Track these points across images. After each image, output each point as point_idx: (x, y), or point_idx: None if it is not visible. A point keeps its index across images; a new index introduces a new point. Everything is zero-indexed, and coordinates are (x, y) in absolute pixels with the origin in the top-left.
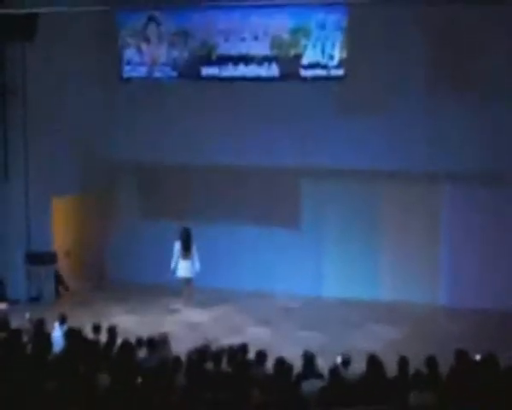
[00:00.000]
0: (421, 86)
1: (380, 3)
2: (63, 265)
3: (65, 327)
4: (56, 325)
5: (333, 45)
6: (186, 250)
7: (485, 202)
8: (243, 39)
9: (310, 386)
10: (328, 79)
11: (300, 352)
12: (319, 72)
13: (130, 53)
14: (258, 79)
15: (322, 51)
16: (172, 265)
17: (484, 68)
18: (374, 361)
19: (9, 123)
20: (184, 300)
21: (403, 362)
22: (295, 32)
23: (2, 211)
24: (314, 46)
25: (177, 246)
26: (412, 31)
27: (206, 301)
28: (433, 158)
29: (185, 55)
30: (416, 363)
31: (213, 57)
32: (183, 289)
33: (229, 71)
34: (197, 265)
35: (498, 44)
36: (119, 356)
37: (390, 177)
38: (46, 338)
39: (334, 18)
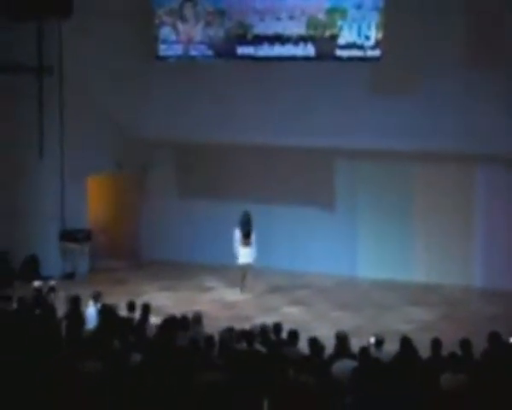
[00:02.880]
0: (458, 68)
1: None
2: (98, 242)
3: (99, 304)
4: (90, 302)
5: (369, 26)
6: (246, 237)
7: None
8: (279, 19)
9: (342, 366)
10: (363, 59)
11: (334, 332)
12: (355, 52)
13: (166, 31)
14: (293, 58)
15: (359, 32)
16: (235, 251)
17: None
18: (407, 342)
19: (45, 101)
20: (242, 286)
21: (436, 344)
22: (331, 12)
23: (37, 188)
24: (350, 27)
25: (237, 233)
26: (449, 11)
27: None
28: (466, 140)
29: (221, 34)
30: (450, 345)
31: (249, 37)
32: (243, 276)
33: (265, 50)
34: (254, 250)
35: None
36: (157, 335)
37: (424, 158)
38: (80, 316)
39: None
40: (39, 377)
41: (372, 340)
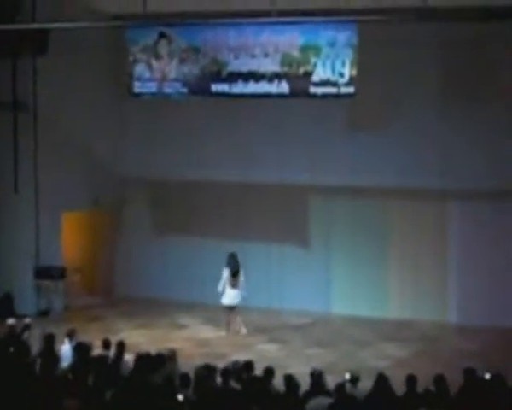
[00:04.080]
0: (431, 104)
1: (390, 21)
2: (73, 279)
3: (74, 342)
4: (66, 339)
5: (343, 63)
6: (234, 277)
7: (493, 218)
8: (253, 56)
9: (317, 403)
10: (338, 96)
11: (309, 369)
12: (329, 89)
13: (140, 69)
14: (268, 95)
15: (333, 69)
16: (220, 288)
17: (494, 86)
18: (382, 379)
19: (20, 137)
20: (232, 329)
21: (411, 380)
22: (305, 49)
23: (11, 224)
24: (324, 64)
25: (226, 273)
26: (422, 48)
27: (215, 317)
28: (442, 175)
29: (195, 71)
30: (425, 381)
31: (224, 74)
32: (229, 318)
33: (239, 88)
34: (244, 292)
35: (509, 61)
36: (131, 372)
37: (399, 194)
38: (54, 354)
39: (345, 35)
40: None
41: (347, 376)
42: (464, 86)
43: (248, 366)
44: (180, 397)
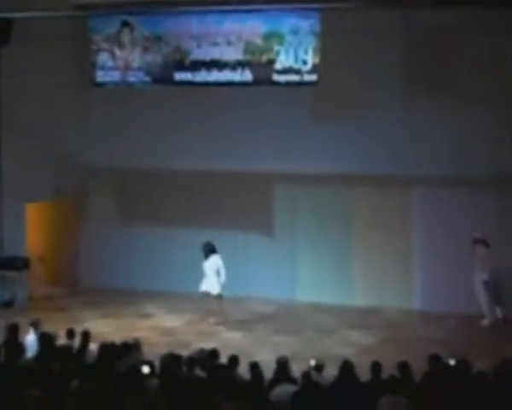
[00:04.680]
0: (395, 91)
1: (353, 8)
2: (37, 270)
3: (38, 332)
4: (30, 330)
5: (306, 51)
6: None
7: (457, 205)
8: (216, 44)
9: (282, 391)
10: (301, 84)
11: (274, 357)
12: (292, 77)
13: (103, 58)
14: (231, 83)
15: (296, 56)
16: (223, 279)
17: (458, 73)
18: (347, 366)
19: None
20: (216, 318)
21: (376, 367)
22: (268, 37)
23: None
24: (287, 51)
25: (207, 264)
26: (386, 35)
27: (180, 306)
28: (406, 163)
29: (158, 60)
30: (390, 368)
31: (187, 62)
32: (212, 307)
33: (203, 76)
34: (222, 277)
35: (472, 49)
36: (96, 361)
37: (363, 182)
38: (19, 344)
39: (308, 23)
40: None
41: (312, 362)
42: (428, 74)
43: (213, 354)
44: (145, 369)
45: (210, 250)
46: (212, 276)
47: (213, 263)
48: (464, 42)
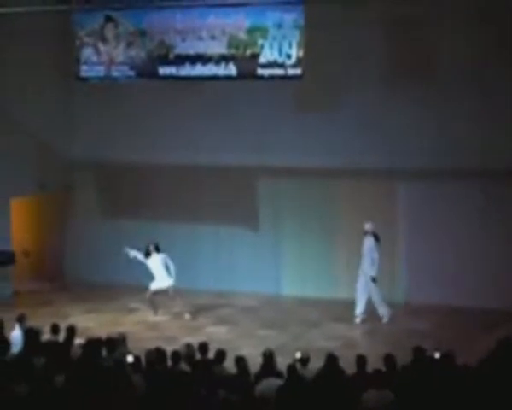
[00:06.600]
0: (378, 84)
1: (336, 2)
2: (21, 264)
3: (24, 327)
4: (16, 325)
5: (290, 44)
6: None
7: (441, 198)
8: (200, 39)
9: (268, 384)
10: (285, 78)
11: (260, 351)
12: (276, 71)
13: (87, 53)
14: (215, 78)
15: (280, 50)
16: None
17: (440, 64)
18: (332, 359)
19: None
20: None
21: (361, 360)
22: (252, 31)
23: None
24: (271, 45)
25: (151, 262)
26: (369, 28)
27: (166, 301)
28: (390, 156)
29: (143, 54)
30: (375, 361)
31: (171, 57)
32: (170, 299)
33: (187, 70)
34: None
35: (454, 39)
36: (81, 356)
37: (347, 175)
38: (4, 339)
39: (291, 17)
40: None
41: (298, 355)
42: (411, 66)
43: (203, 347)
44: (130, 358)
45: (155, 249)
46: (162, 271)
47: (160, 258)
48: (446, 31)
